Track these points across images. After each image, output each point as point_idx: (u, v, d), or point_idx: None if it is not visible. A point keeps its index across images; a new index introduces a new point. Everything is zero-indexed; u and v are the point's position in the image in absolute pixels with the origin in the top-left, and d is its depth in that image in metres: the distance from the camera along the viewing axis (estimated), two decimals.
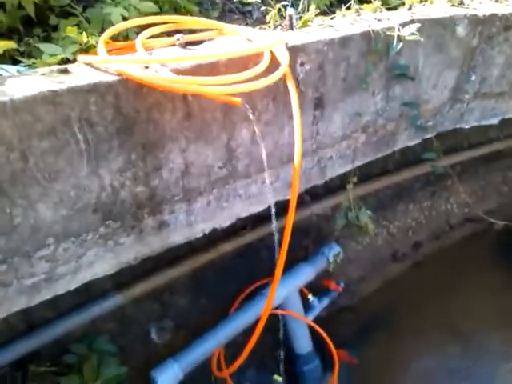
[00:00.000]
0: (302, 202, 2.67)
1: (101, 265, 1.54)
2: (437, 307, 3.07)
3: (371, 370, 2.77)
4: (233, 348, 2.40)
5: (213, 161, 1.62)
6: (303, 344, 2.55)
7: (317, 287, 2.81)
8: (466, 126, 2.65)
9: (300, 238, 2.80)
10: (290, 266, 2.61)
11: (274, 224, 1.89)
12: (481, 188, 3.58)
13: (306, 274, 2.48)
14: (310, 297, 2.63)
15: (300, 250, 2.78)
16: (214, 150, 1.60)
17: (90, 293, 2.05)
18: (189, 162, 1.56)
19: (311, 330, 2.54)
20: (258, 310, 2.32)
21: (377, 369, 2.78)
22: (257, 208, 1.90)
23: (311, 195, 2.70)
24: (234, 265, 2.52)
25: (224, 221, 1.82)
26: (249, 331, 2.38)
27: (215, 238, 2.39)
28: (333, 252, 2.48)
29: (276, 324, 2.53)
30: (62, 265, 1.46)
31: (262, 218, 2.55)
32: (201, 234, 1.79)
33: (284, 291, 2.42)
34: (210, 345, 2.18)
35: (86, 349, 1.96)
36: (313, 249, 2.75)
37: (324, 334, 2.48)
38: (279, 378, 2.41)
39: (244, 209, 1.86)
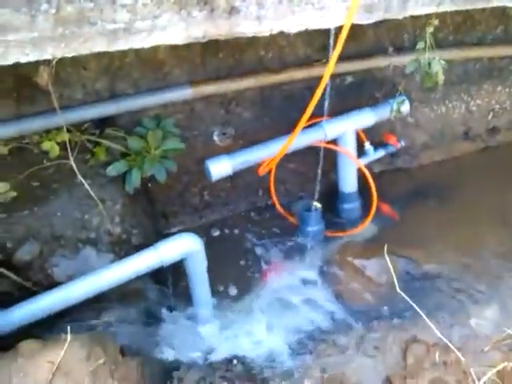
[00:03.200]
0: (382, 51, 2.67)
1: (173, 31, 1.73)
2: (495, 194, 3.03)
3: (410, 230, 2.88)
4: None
5: None
6: (349, 183, 2.72)
7: (378, 141, 2.89)
8: None
9: (373, 89, 2.84)
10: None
11: (331, 50, 1.96)
12: None
13: (366, 117, 2.57)
14: (367, 144, 2.72)
15: (370, 100, 2.83)
16: None
17: (166, 81, 2.31)
18: None
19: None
20: (309, 139, 2.49)
21: (416, 230, 2.88)
22: (329, 23, 1.96)
23: (395, 47, 2.69)
24: (301, 95, 2.64)
25: (293, 26, 1.91)
26: (297, 154, 2.58)
27: (287, 63, 2.51)
28: (398, 101, 2.51)
29: (327, 157, 2.70)
30: (140, 20, 1.66)
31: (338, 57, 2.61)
32: (268, 33, 1.90)
33: (339, 128, 2.53)
34: (261, 152, 2.40)
35: (155, 125, 2.25)
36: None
37: (370, 180, 2.61)
38: (318, 205, 2.63)
39: (315, 20, 1.93)
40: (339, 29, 1.99)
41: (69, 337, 1.60)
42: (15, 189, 1.95)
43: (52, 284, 1.92)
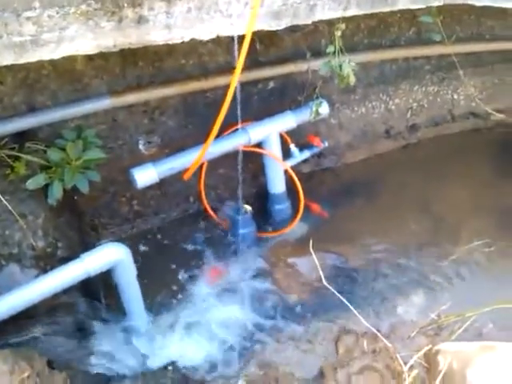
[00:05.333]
0: (301, 57, 2.78)
1: (82, 42, 1.75)
2: (417, 187, 3.19)
3: (339, 227, 2.99)
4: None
5: None
6: (277, 184, 2.79)
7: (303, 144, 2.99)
8: (477, 4, 2.61)
9: (295, 93, 2.94)
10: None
11: (236, 54, 2.02)
12: (494, 85, 3.54)
13: (288, 119, 2.66)
14: (292, 146, 2.81)
15: (292, 104, 2.93)
16: None
17: (86, 92, 2.31)
18: None
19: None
20: (233, 143, 2.55)
21: (345, 227, 2.99)
22: (238, 30, 2.03)
23: (313, 52, 2.79)
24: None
25: (204, 33, 1.97)
26: (226, 159, 2.63)
27: (209, 71, 2.57)
28: (316, 103, 2.62)
29: (255, 160, 2.77)
30: (47, 32, 1.67)
31: (259, 63, 2.70)
32: (180, 41, 1.95)
33: (263, 131, 2.61)
34: (186, 159, 2.44)
35: (76, 137, 2.25)
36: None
37: (296, 180, 2.70)
38: (248, 208, 2.69)
39: (225, 27, 1.99)
40: (253, 35, 2.06)
41: None
42: None
43: None
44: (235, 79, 1.90)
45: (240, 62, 1.83)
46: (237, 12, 1.98)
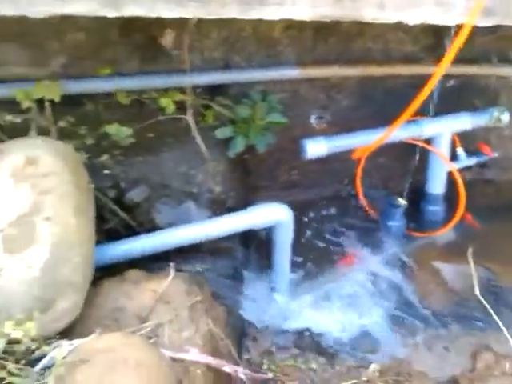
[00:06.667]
0: (486, 60, 2.68)
1: (300, 8, 1.84)
2: None
3: (491, 243, 2.83)
4: None
5: None
6: (437, 185, 2.73)
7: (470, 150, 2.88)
8: None
9: (473, 96, 2.83)
10: None
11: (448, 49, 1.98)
12: None
13: (464, 121, 2.57)
14: (460, 149, 2.73)
15: (469, 106, 2.83)
16: None
17: (277, 59, 2.43)
18: None
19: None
20: (405, 134, 2.53)
21: (498, 245, 2.83)
22: (445, 20, 2.01)
23: (500, 57, 2.68)
24: (403, 91, 2.66)
25: (412, 18, 1.98)
26: (387, 149, 2.62)
27: (393, 58, 2.57)
28: (499, 109, 2.51)
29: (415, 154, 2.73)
30: None
31: None
32: (387, 21, 1.96)
33: (437, 128, 2.56)
34: (357, 139, 2.49)
35: (261, 99, 2.38)
36: None
37: (461, 184, 2.61)
38: (403, 202, 2.67)
39: (433, 15, 1.99)
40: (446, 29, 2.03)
41: (172, 271, 1.74)
42: (133, 136, 2.14)
43: (154, 228, 2.08)
44: (441, 70, 1.89)
45: (451, 54, 1.82)
46: (451, 2, 1.96)
